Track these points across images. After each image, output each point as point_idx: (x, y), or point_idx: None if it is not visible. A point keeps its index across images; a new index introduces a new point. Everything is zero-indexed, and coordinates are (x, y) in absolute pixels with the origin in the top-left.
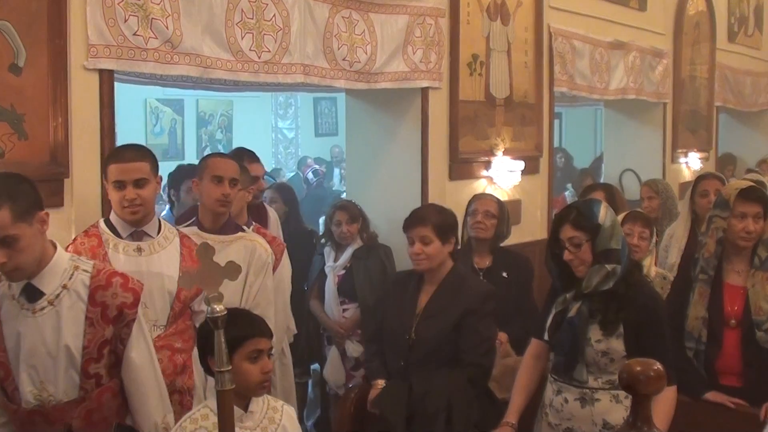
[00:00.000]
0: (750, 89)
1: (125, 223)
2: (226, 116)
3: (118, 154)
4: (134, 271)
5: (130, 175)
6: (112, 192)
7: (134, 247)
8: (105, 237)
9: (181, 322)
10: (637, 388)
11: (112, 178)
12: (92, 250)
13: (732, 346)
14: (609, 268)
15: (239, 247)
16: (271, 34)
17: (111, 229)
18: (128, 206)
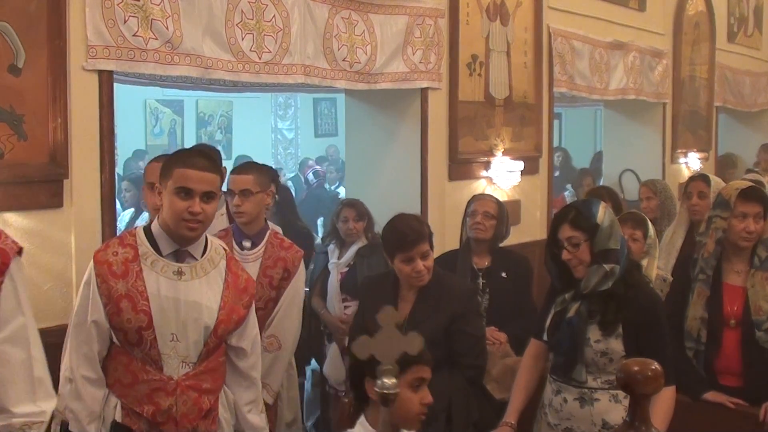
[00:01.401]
0: (749, 89)
1: (170, 238)
2: (225, 117)
3: (190, 160)
4: (170, 298)
5: (201, 186)
6: (173, 199)
7: (174, 269)
8: (143, 250)
9: (214, 359)
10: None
11: (178, 183)
12: (125, 264)
13: (731, 346)
14: (607, 268)
15: None
16: (271, 35)
17: (151, 242)
18: (190, 220)
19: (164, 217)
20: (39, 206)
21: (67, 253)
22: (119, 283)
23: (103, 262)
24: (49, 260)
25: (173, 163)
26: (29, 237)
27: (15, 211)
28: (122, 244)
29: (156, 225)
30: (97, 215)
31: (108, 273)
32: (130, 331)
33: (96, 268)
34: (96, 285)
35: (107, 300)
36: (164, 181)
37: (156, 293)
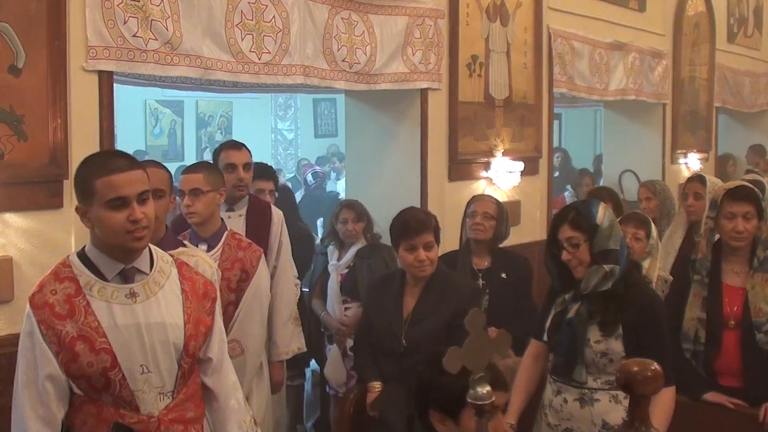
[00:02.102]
0: (749, 90)
1: (112, 258)
2: (225, 117)
3: (107, 165)
4: (130, 326)
5: (133, 189)
6: (107, 215)
7: (126, 292)
8: (84, 280)
9: (192, 383)
10: (634, 388)
11: (107, 195)
12: (69, 301)
13: (731, 346)
14: (607, 268)
15: None
16: (270, 36)
17: (90, 268)
18: (134, 230)
19: (100, 238)
20: (39, 207)
21: (67, 254)
22: (68, 325)
23: (43, 305)
24: (49, 261)
25: (89, 176)
26: (29, 238)
27: (15, 211)
28: (58, 279)
29: (91, 249)
30: None
31: (52, 316)
32: (94, 375)
33: (35, 314)
34: (40, 334)
35: (58, 348)
36: (87, 200)
37: (112, 325)
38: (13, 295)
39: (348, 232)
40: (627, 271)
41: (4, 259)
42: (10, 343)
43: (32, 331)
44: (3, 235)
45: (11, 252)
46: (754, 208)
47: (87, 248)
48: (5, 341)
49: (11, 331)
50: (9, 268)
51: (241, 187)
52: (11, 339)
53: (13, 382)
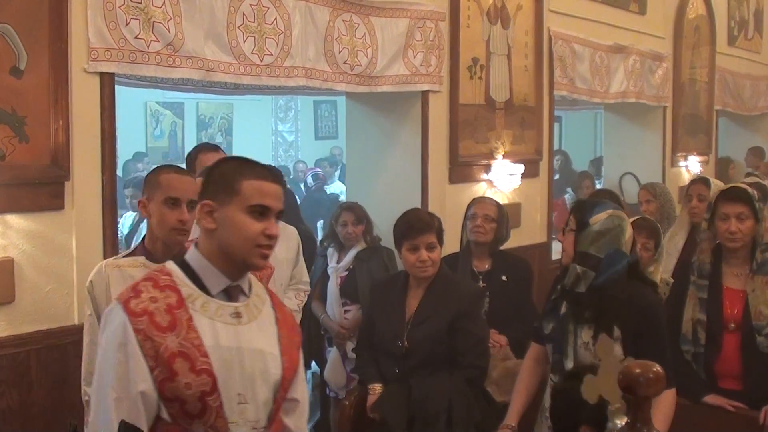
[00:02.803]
0: (749, 93)
1: (222, 272)
2: (226, 119)
3: (260, 171)
4: (233, 348)
5: (278, 203)
6: (243, 219)
7: (231, 311)
8: (187, 291)
9: (278, 422)
10: (636, 390)
11: (251, 200)
12: (170, 312)
13: (731, 349)
14: (579, 270)
15: None
16: (272, 38)
17: (193, 279)
18: (266, 246)
19: (215, 245)
20: (40, 208)
21: (68, 256)
22: (168, 338)
23: (142, 312)
24: (50, 262)
25: (236, 173)
26: (30, 239)
27: (16, 213)
28: (157, 286)
29: (197, 257)
30: (99, 217)
31: (152, 326)
32: (190, 399)
33: (133, 322)
34: (138, 344)
35: (154, 363)
36: (223, 197)
37: (215, 345)
38: (14, 297)
39: (348, 235)
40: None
41: (5, 260)
42: (12, 345)
43: (126, 342)
44: (4, 237)
45: (12, 253)
46: (747, 208)
47: (190, 256)
48: (6, 342)
49: (12, 332)
50: (10, 269)
51: None
52: (12, 340)
53: (13, 383)
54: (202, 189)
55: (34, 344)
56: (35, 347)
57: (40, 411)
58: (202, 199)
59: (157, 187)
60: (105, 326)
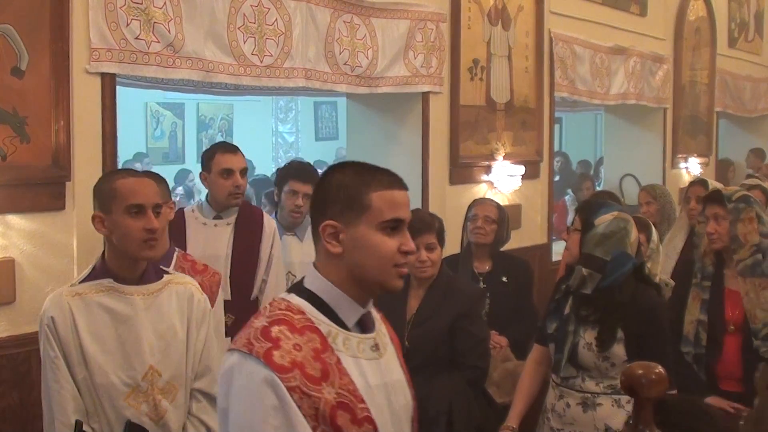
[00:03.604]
0: (750, 95)
1: (355, 299)
2: (226, 120)
3: (384, 177)
4: (380, 387)
5: (408, 211)
6: (380, 238)
7: (371, 344)
8: (326, 329)
9: None
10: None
11: (388, 214)
12: (319, 359)
13: (732, 351)
14: (585, 272)
15: (170, 297)
16: (273, 39)
17: (326, 312)
18: (404, 265)
19: (348, 270)
20: (41, 208)
21: (69, 256)
22: (324, 390)
23: (291, 365)
24: (50, 262)
25: (362, 186)
26: (31, 239)
27: (17, 213)
28: (295, 329)
29: (326, 286)
30: None
31: (305, 380)
32: None
33: (284, 379)
34: (294, 405)
35: (315, 421)
36: (349, 215)
37: (365, 386)
38: (15, 297)
39: None
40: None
41: (6, 260)
42: (12, 345)
43: (282, 405)
44: (5, 237)
45: (13, 254)
46: (722, 209)
47: (317, 286)
48: (7, 343)
49: (13, 332)
50: (11, 269)
51: (238, 194)
52: (12, 340)
53: (14, 383)
54: (318, 207)
55: (34, 344)
56: (36, 347)
57: (40, 411)
58: (323, 220)
59: (114, 196)
60: (230, 387)
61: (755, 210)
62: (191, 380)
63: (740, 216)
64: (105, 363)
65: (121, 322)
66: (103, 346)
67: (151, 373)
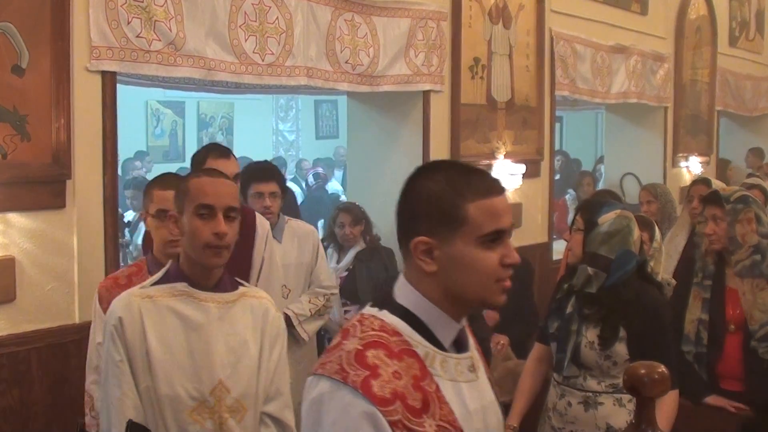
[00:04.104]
0: (751, 93)
1: (451, 315)
2: (227, 118)
3: (482, 184)
4: (479, 410)
5: (510, 216)
6: (480, 255)
7: (468, 365)
8: (423, 351)
9: None
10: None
11: (488, 226)
12: (418, 387)
13: (733, 350)
14: (591, 271)
15: (245, 311)
16: (274, 37)
17: (421, 331)
18: (505, 279)
19: (444, 289)
20: (41, 207)
21: (70, 254)
22: (426, 422)
23: (392, 396)
24: (51, 261)
25: (456, 196)
26: (31, 238)
27: (17, 211)
28: (392, 354)
29: (423, 304)
30: (100, 216)
31: (407, 413)
32: None
33: (384, 413)
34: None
35: None
36: (445, 230)
37: (464, 413)
38: (15, 295)
39: (345, 236)
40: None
41: (6, 258)
42: (12, 343)
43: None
44: (6, 235)
45: (14, 252)
46: (720, 210)
47: (413, 303)
48: (6, 341)
49: (13, 331)
50: (11, 267)
51: None
52: (13, 339)
53: (14, 382)
54: (406, 221)
55: (34, 343)
56: (36, 346)
57: (40, 409)
58: (413, 236)
59: (186, 195)
60: (320, 420)
61: (754, 210)
62: (261, 402)
63: (738, 217)
64: (172, 372)
65: (193, 330)
66: (172, 354)
67: (220, 389)
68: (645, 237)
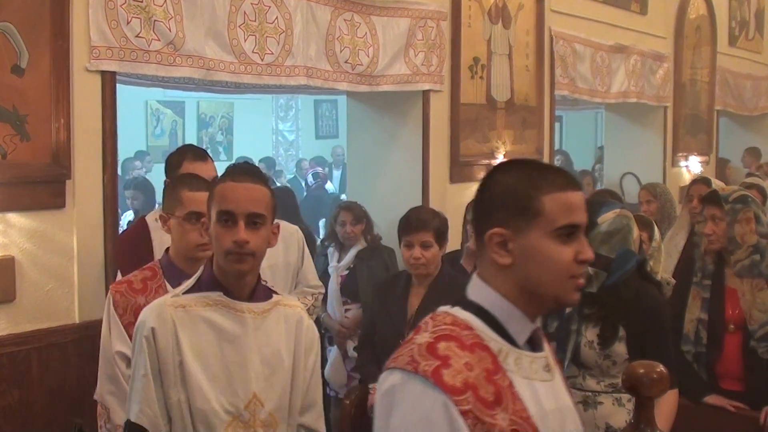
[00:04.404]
0: (750, 93)
1: (526, 313)
2: (226, 118)
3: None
4: (555, 411)
5: (585, 214)
6: (554, 248)
7: (543, 364)
8: (496, 347)
9: None
10: (640, 390)
11: (561, 220)
12: (490, 381)
13: (732, 350)
14: (591, 271)
15: (279, 320)
16: (273, 37)
17: (495, 328)
18: (580, 276)
19: (517, 283)
20: (41, 207)
21: (69, 254)
22: (498, 416)
23: (463, 386)
24: (50, 261)
25: (531, 189)
26: (31, 237)
27: (17, 211)
28: (464, 346)
29: (497, 300)
30: (100, 216)
31: (479, 403)
32: None
33: (456, 402)
34: None
35: None
36: (519, 222)
37: (540, 412)
38: (15, 295)
39: (346, 234)
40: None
41: (6, 258)
42: (12, 343)
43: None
44: (5, 235)
45: (13, 252)
46: (719, 211)
47: (486, 300)
48: (6, 341)
49: (13, 330)
50: (11, 267)
51: None
52: (13, 339)
53: (14, 382)
54: (482, 213)
55: (34, 343)
56: (36, 346)
57: (40, 410)
58: (489, 227)
59: (211, 200)
60: (391, 411)
61: (753, 210)
62: (294, 414)
63: (737, 217)
64: (208, 386)
65: (228, 342)
66: (207, 366)
67: (254, 402)
68: (644, 236)
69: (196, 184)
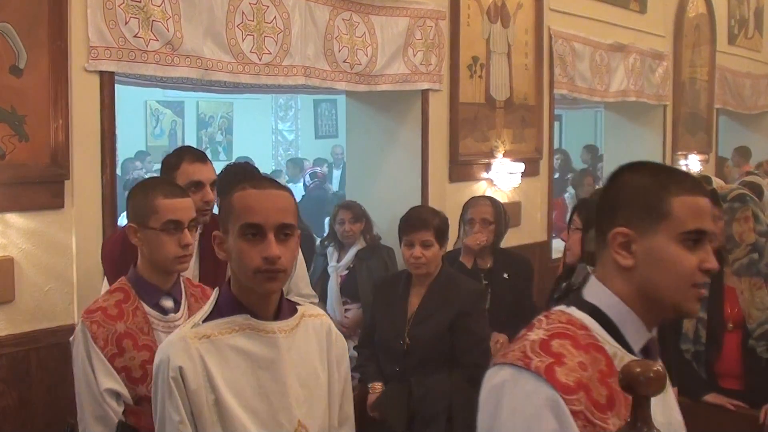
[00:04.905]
0: (750, 91)
1: (643, 319)
2: (226, 118)
3: (687, 182)
4: (664, 424)
5: (711, 221)
6: (680, 254)
7: None
8: (611, 351)
9: None
10: (636, 388)
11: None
12: (604, 382)
13: (732, 349)
14: (590, 270)
15: (307, 334)
16: (271, 36)
17: (611, 332)
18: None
19: (638, 287)
20: (40, 207)
21: (68, 255)
22: (611, 420)
23: (577, 386)
24: (49, 261)
25: (661, 190)
26: (30, 238)
27: (16, 211)
28: (578, 345)
29: (615, 303)
30: (98, 216)
31: (591, 405)
32: None
33: (567, 401)
34: None
35: None
36: (648, 224)
37: (665, 423)
38: (14, 296)
39: (345, 233)
40: None
41: (5, 259)
42: (11, 344)
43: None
44: (4, 236)
45: (12, 252)
46: (717, 210)
47: (603, 302)
48: (6, 341)
49: (12, 331)
50: (10, 268)
51: (206, 211)
52: (12, 339)
53: (13, 382)
54: (607, 211)
55: (33, 343)
56: (35, 346)
57: (39, 410)
58: (613, 226)
59: (231, 212)
60: (499, 407)
61: (751, 209)
62: (334, 430)
63: (735, 215)
64: (248, 422)
65: (263, 369)
66: (244, 400)
67: (300, 430)
68: None
69: (171, 191)
